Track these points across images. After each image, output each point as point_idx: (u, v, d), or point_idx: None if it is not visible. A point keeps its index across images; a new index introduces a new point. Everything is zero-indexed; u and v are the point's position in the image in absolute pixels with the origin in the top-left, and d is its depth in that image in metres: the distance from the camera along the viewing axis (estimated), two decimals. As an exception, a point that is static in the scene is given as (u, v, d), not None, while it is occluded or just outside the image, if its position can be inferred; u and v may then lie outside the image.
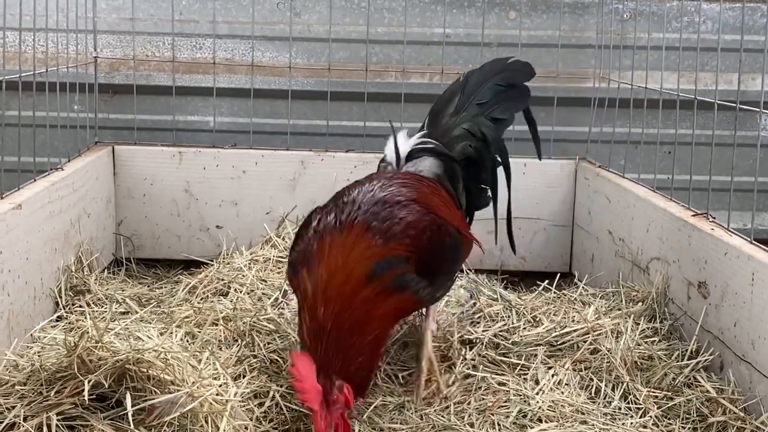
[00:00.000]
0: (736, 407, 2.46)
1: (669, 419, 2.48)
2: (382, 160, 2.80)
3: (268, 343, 2.81)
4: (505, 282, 3.61)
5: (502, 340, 2.84)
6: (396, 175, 2.59)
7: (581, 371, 2.67)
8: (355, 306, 2.24)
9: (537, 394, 2.54)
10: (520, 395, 2.54)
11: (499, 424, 2.42)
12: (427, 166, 2.71)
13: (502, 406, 2.50)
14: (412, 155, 2.72)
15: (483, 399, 2.55)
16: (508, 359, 2.75)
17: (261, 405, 2.45)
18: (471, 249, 2.72)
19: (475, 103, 2.83)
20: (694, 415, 2.49)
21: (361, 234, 2.31)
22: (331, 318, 2.22)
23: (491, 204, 2.91)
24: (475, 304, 3.02)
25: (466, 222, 2.77)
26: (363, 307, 2.25)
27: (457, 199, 2.75)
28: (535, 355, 2.74)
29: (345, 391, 2.21)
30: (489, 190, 2.89)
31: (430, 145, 2.73)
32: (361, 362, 2.25)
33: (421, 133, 2.79)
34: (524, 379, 2.64)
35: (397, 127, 2.86)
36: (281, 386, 2.59)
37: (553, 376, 2.59)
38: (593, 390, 2.59)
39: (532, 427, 2.40)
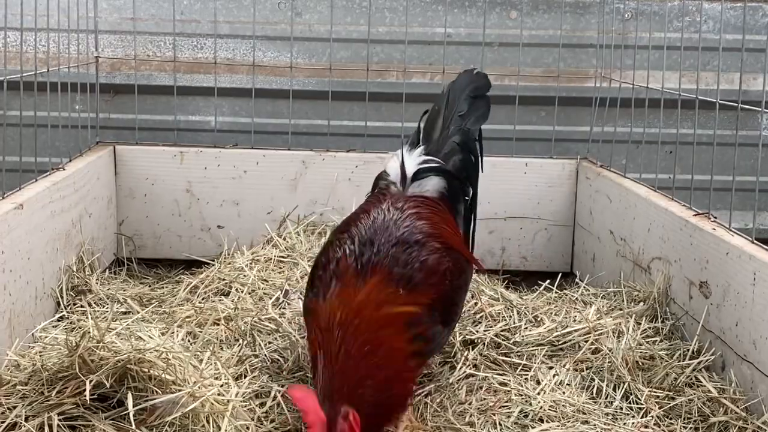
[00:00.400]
0: (737, 407, 2.46)
1: (670, 419, 2.48)
2: (382, 177, 2.72)
3: (269, 343, 2.81)
4: (506, 282, 3.61)
5: (503, 340, 2.84)
6: (407, 205, 2.51)
7: (582, 371, 2.67)
8: (373, 342, 2.17)
9: (538, 394, 2.54)
10: (522, 395, 2.54)
11: (500, 424, 2.42)
12: (432, 185, 2.66)
13: (504, 406, 2.50)
14: (418, 175, 2.65)
15: (484, 399, 2.55)
16: (509, 359, 2.75)
17: (263, 405, 2.45)
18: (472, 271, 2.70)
19: (457, 116, 2.82)
20: (696, 415, 2.49)
21: (383, 281, 2.27)
22: (344, 348, 2.16)
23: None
24: (476, 303, 3.02)
25: (466, 241, 2.75)
26: (383, 345, 2.18)
27: (456, 216, 2.70)
28: (537, 355, 2.74)
29: (351, 419, 2.11)
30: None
31: (434, 164, 2.69)
32: (372, 388, 2.15)
33: (421, 149, 2.73)
34: (525, 379, 2.63)
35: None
36: (283, 386, 2.59)
37: (554, 376, 2.59)
38: (594, 390, 2.59)
39: (533, 427, 2.39)
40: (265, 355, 2.72)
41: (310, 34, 4.05)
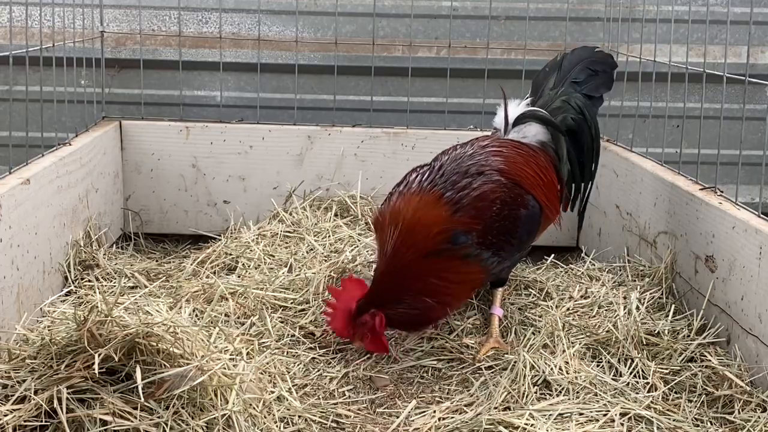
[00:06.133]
0: (742, 381, 2.47)
1: (676, 393, 2.49)
2: (494, 128, 2.97)
3: (278, 318, 2.83)
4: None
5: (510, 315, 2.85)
6: (493, 143, 2.78)
7: (589, 345, 2.67)
8: (415, 266, 2.55)
9: (547, 368, 2.54)
10: (535, 367, 2.54)
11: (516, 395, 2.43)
12: (532, 132, 2.87)
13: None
14: (519, 121, 2.87)
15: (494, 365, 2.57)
16: (517, 334, 2.76)
17: (271, 379, 2.47)
18: (551, 222, 2.87)
19: (570, 81, 3.00)
20: (701, 389, 2.49)
21: (434, 202, 2.59)
22: (392, 265, 2.57)
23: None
24: None
25: (557, 194, 2.87)
26: (425, 269, 2.56)
27: (559, 168, 2.88)
28: (545, 329, 2.75)
29: (376, 319, 2.57)
30: (589, 166, 3.02)
31: (539, 113, 2.88)
32: (409, 304, 2.57)
33: (528, 100, 2.95)
34: (533, 353, 2.64)
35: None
36: (291, 361, 2.61)
37: (563, 351, 2.59)
38: (600, 364, 2.60)
39: (545, 398, 2.40)
40: (273, 330, 2.73)
41: (315, 8, 4.03)
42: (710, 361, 2.57)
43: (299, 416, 2.35)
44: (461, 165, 2.67)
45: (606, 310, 2.86)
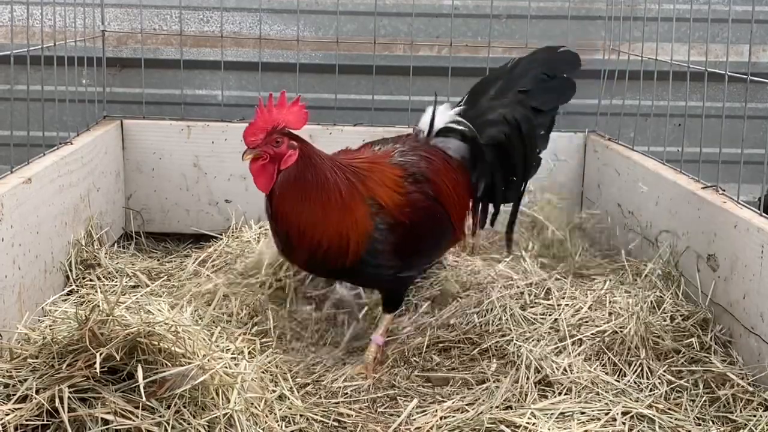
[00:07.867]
0: (744, 380, 2.47)
1: (677, 392, 2.49)
2: (416, 126, 2.87)
3: (280, 317, 2.83)
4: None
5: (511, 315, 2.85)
6: (421, 147, 2.73)
7: (592, 345, 2.67)
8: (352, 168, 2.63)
9: (548, 367, 2.54)
10: (538, 368, 2.54)
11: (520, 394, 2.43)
12: (455, 145, 2.78)
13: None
14: (444, 132, 2.78)
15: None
16: (519, 333, 2.76)
17: (273, 378, 2.47)
18: (456, 242, 2.85)
19: (516, 90, 2.82)
20: (702, 388, 2.49)
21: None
22: (347, 152, 2.76)
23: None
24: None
25: (466, 214, 2.83)
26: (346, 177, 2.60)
27: (476, 187, 2.81)
28: (546, 327, 2.74)
29: (289, 151, 2.54)
30: (519, 185, 2.89)
31: (462, 127, 2.78)
32: (316, 176, 2.55)
33: (458, 110, 2.82)
34: (534, 352, 2.64)
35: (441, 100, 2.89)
36: (293, 361, 2.61)
37: (564, 351, 2.59)
38: (603, 364, 2.59)
39: (546, 398, 2.40)
40: (274, 330, 2.73)
41: (316, 6, 4.03)
42: (712, 360, 2.56)
43: (301, 415, 2.35)
44: (394, 160, 2.68)
45: (608, 308, 2.85)
